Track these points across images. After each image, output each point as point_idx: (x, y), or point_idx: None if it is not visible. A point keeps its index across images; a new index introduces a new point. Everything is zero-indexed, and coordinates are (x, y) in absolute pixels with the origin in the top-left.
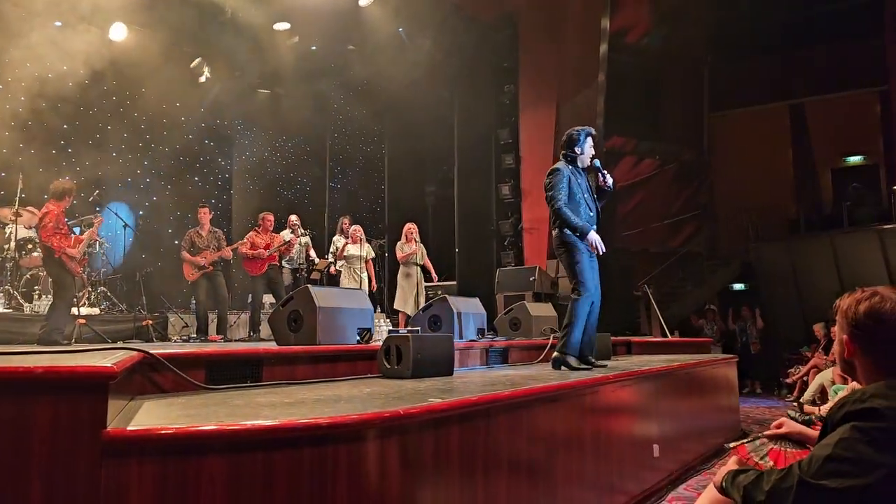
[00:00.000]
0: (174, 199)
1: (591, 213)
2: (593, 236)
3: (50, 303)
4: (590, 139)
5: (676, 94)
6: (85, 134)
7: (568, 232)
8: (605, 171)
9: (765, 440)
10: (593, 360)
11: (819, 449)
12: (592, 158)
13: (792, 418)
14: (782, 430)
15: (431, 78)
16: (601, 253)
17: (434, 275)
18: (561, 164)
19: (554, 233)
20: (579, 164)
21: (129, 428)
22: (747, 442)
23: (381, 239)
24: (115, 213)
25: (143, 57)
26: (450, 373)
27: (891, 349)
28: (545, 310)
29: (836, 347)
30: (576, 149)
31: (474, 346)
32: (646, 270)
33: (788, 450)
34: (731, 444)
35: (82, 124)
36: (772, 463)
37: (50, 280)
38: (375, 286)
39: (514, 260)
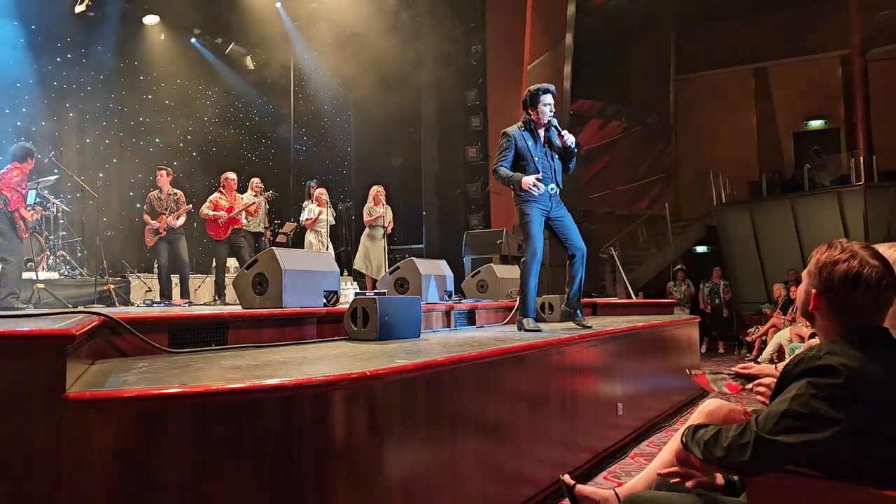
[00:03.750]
0: (134, 162)
1: (546, 173)
2: (527, 179)
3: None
4: (547, 96)
5: (643, 57)
6: (41, 93)
7: (519, 194)
8: (563, 130)
9: (725, 375)
10: (579, 320)
11: (775, 405)
12: (551, 117)
13: None
14: (751, 371)
15: (398, 38)
16: (540, 191)
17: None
18: (511, 128)
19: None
20: (536, 123)
21: (89, 391)
22: (709, 373)
23: (347, 202)
24: (74, 176)
25: (98, 13)
26: (417, 335)
27: (856, 312)
28: (512, 272)
29: (800, 294)
30: (530, 109)
31: (441, 309)
32: (611, 233)
33: (746, 385)
34: (694, 372)
35: (36, 83)
36: (728, 392)
37: None
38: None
39: (482, 222)
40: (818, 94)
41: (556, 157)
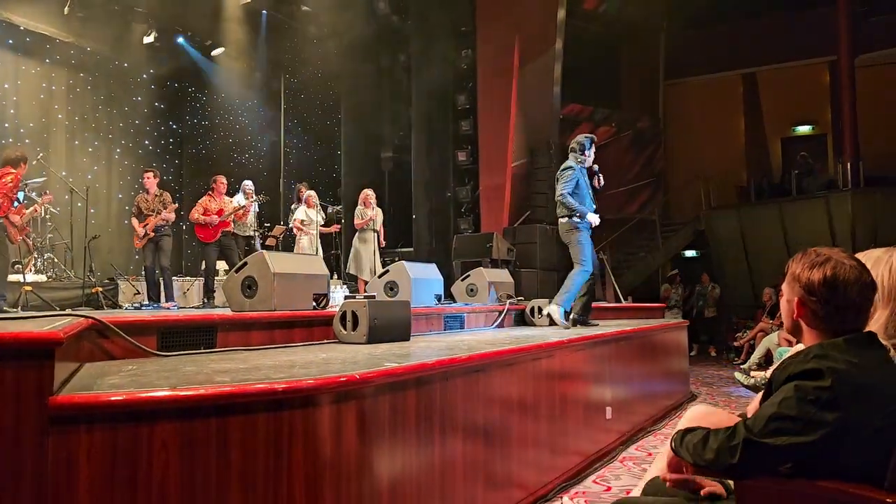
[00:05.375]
0: (123, 164)
1: (593, 204)
2: (592, 217)
3: None
4: (593, 146)
5: (633, 62)
6: (28, 95)
7: (574, 219)
8: (600, 174)
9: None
10: (587, 320)
11: (764, 408)
12: (594, 162)
13: (739, 381)
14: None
15: (388, 41)
16: (595, 225)
17: (384, 241)
18: (573, 163)
19: (562, 220)
20: (584, 165)
21: (77, 395)
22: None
23: (337, 205)
24: (62, 178)
25: (88, 15)
26: (406, 338)
27: (839, 315)
28: (502, 276)
29: (783, 306)
30: (586, 153)
31: (431, 312)
32: (601, 237)
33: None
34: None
35: (23, 84)
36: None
37: None
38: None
39: (472, 226)
40: (806, 100)
41: None
